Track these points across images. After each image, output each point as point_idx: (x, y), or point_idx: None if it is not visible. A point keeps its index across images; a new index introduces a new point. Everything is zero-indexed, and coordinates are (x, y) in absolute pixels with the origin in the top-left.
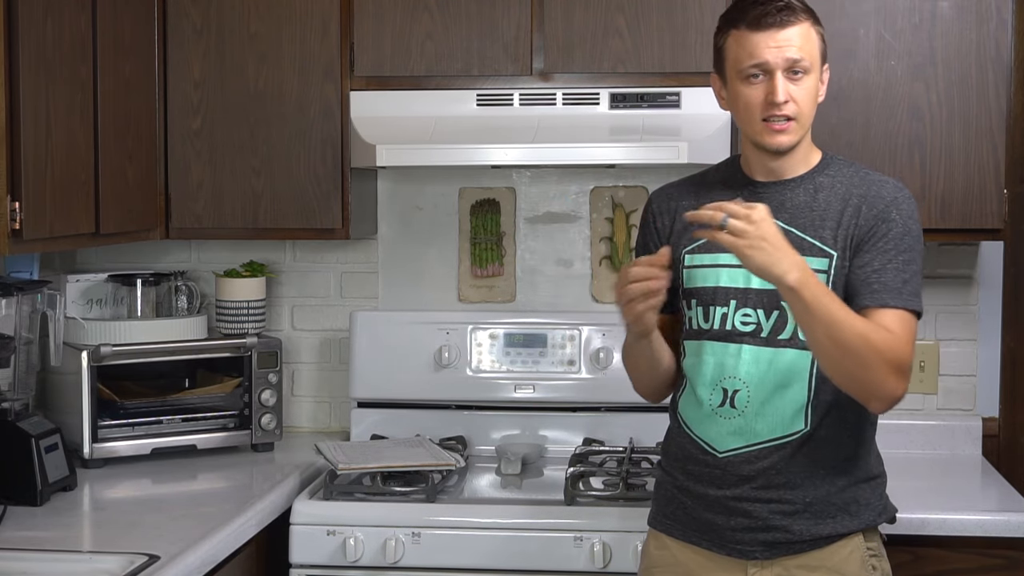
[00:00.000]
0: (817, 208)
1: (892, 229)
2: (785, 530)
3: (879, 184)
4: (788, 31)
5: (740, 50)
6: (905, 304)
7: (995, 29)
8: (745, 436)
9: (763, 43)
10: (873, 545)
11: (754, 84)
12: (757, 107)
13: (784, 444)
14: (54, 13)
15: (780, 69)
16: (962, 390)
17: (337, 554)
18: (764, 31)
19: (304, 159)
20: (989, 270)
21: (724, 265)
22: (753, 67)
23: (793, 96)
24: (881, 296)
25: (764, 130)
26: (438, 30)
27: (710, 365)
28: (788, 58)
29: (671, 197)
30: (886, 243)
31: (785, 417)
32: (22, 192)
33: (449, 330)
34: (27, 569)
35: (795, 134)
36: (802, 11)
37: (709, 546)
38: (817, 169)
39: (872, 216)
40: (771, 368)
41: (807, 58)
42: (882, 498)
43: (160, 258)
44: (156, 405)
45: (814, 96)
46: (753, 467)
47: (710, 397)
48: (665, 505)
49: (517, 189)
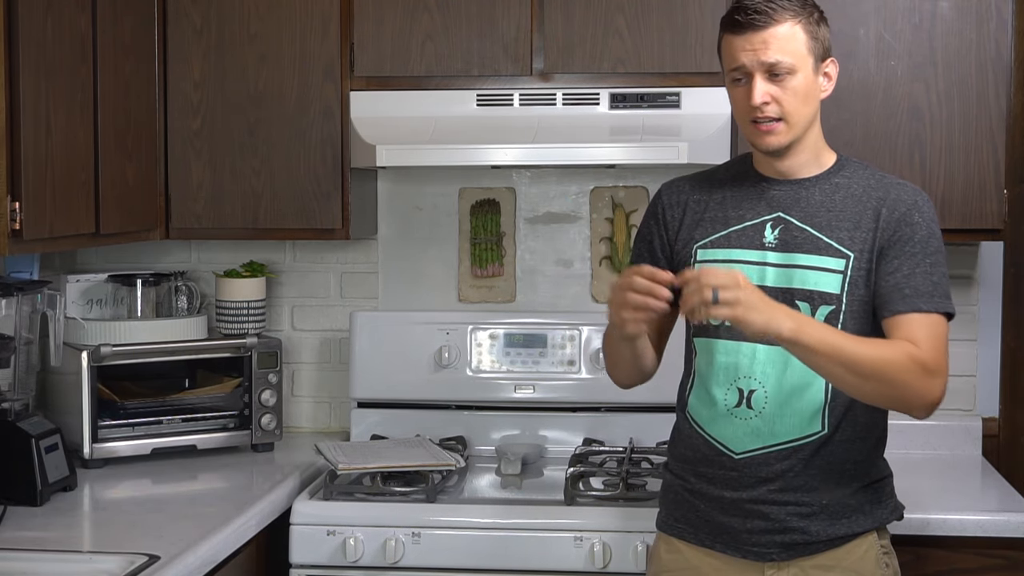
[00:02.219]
0: (834, 208)
1: (917, 233)
2: (802, 531)
3: (898, 187)
4: (764, 33)
5: (725, 53)
6: (937, 307)
7: (995, 29)
8: (763, 437)
9: (740, 46)
10: (885, 543)
11: (739, 87)
12: (743, 110)
13: (802, 446)
14: (54, 13)
15: (757, 72)
16: (962, 390)
17: (337, 554)
18: (741, 34)
19: (304, 159)
20: (989, 270)
21: (738, 261)
22: (733, 70)
23: (776, 97)
24: (913, 301)
25: (754, 131)
26: (438, 30)
27: (723, 364)
28: (763, 61)
29: (682, 190)
30: (912, 247)
31: (803, 419)
32: (22, 192)
33: (449, 330)
34: (27, 569)
35: (784, 135)
36: (784, 10)
37: (724, 549)
38: (833, 170)
39: (894, 220)
40: (787, 369)
41: (789, 58)
42: (893, 496)
43: (160, 258)
44: (156, 405)
45: (804, 95)
46: (772, 469)
47: (725, 397)
48: (675, 508)
49: (517, 189)
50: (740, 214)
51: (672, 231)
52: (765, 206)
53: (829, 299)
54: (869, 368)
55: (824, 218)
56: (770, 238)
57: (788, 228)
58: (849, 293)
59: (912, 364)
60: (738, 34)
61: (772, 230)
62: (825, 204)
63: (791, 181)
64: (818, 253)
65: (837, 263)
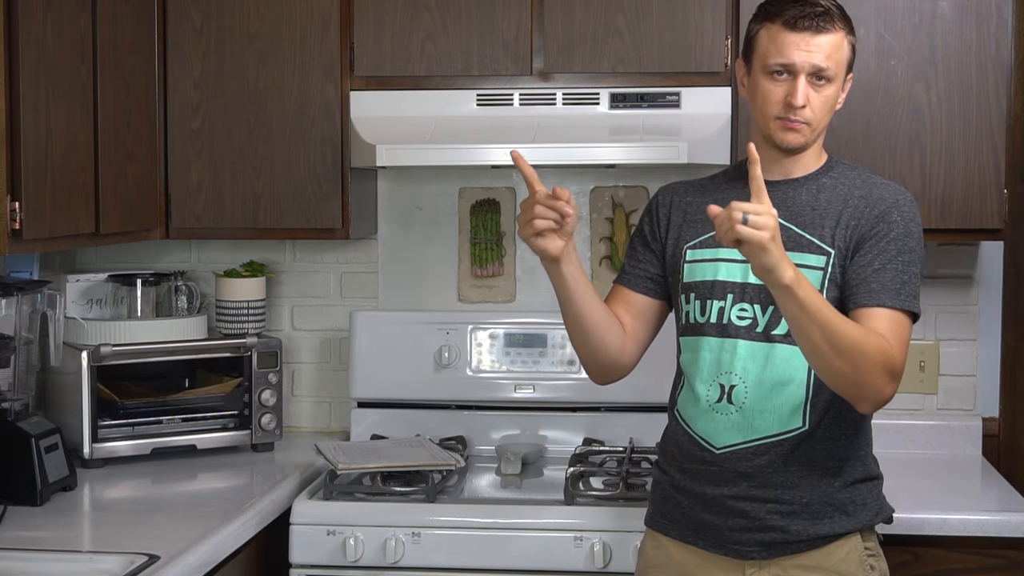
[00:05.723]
0: (818, 207)
1: (893, 230)
2: (782, 530)
3: (881, 186)
4: (821, 38)
5: (771, 45)
6: (902, 305)
7: (995, 29)
8: (743, 432)
9: (794, 44)
10: (871, 545)
11: (777, 81)
12: (775, 104)
13: (782, 442)
14: (54, 13)
15: (805, 73)
16: (962, 390)
17: (337, 554)
18: (798, 32)
19: (304, 159)
20: (989, 270)
21: (724, 260)
22: (779, 65)
23: (811, 102)
24: (879, 296)
25: (777, 126)
26: (438, 30)
27: (707, 361)
28: (815, 64)
29: (677, 192)
30: (887, 243)
31: (783, 414)
32: (22, 192)
33: (449, 330)
34: (27, 569)
35: (805, 136)
36: (839, 19)
37: (706, 546)
38: (821, 171)
39: (873, 216)
40: (768, 364)
41: (833, 67)
42: (879, 499)
43: (160, 258)
44: (156, 405)
45: (832, 105)
46: (751, 464)
47: (707, 393)
48: (662, 504)
49: (517, 189)
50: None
51: (663, 230)
52: None
53: None
54: (846, 344)
55: (808, 216)
56: None
57: None
58: (829, 290)
59: (881, 358)
60: (794, 31)
61: None
62: (810, 203)
63: (780, 182)
64: (800, 251)
65: (818, 260)
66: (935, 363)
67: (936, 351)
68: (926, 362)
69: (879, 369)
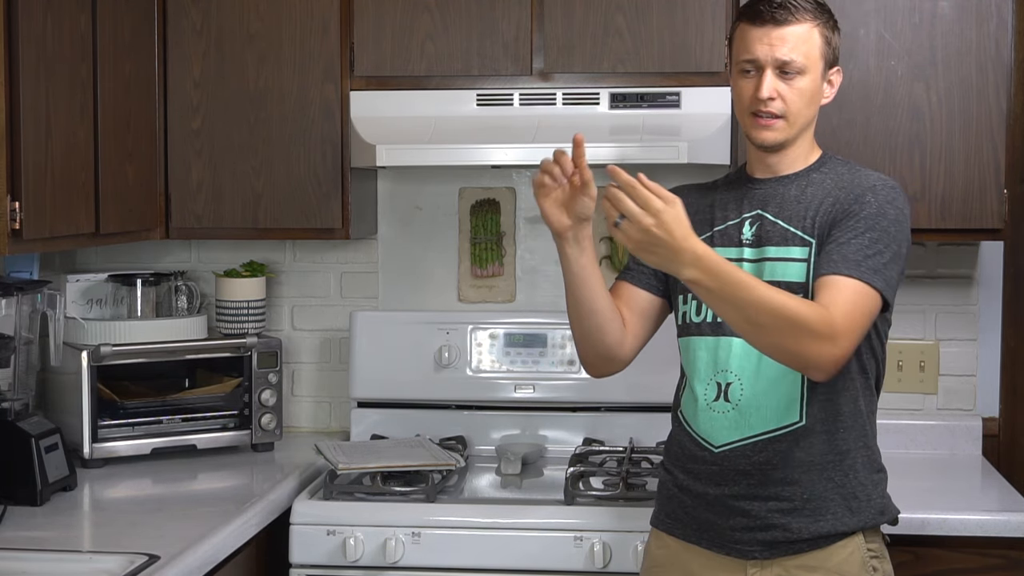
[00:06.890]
0: (804, 201)
1: (864, 209)
2: (784, 528)
3: (865, 175)
4: (784, 30)
5: (739, 43)
6: (860, 275)
7: (995, 29)
8: (740, 429)
9: (756, 38)
10: (874, 546)
11: (747, 78)
12: (746, 100)
13: (779, 437)
14: (54, 13)
15: (770, 66)
16: (962, 390)
17: (337, 554)
18: (760, 27)
19: (304, 159)
20: (989, 270)
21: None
22: (746, 61)
23: (782, 95)
24: (837, 265)
25: (752, 124)
26: (438, 30)
27: (704, 360)
28: (777, 57)
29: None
30: (856, 221)
31: (779, 409)
32: (22, 192)
33: (449, 330)
34: (27, 569)
35: (782, 132)
36: (806, 11)
37: (709, 545)
38: (813, 167)
39: (849, 200)
40: (762, 360)
41: (800, 59)
42: (883, 496)
43: (160, 258)
44: (156, 405)
45: (809, 97)
46: (749, 461)
47: (705, 391)
48: (666, 504)
49: (517, 189)
50: (724, 214)
51: None
52: (747, 204)
53: (795, 288)
54: (766, 315)
55: (794, 210)
56: (747, 235)
57: (763, 224)
58: (814, 280)
59: (812, 322)
60: (757, 26)
61: (750, 227)
62: (798, 197)
63: (773, 179)
64: (785, 244)
65: (801, 252)
66: (935, 363)
67: (936, 351)
68: (926, 362)
69: (810, 335)
